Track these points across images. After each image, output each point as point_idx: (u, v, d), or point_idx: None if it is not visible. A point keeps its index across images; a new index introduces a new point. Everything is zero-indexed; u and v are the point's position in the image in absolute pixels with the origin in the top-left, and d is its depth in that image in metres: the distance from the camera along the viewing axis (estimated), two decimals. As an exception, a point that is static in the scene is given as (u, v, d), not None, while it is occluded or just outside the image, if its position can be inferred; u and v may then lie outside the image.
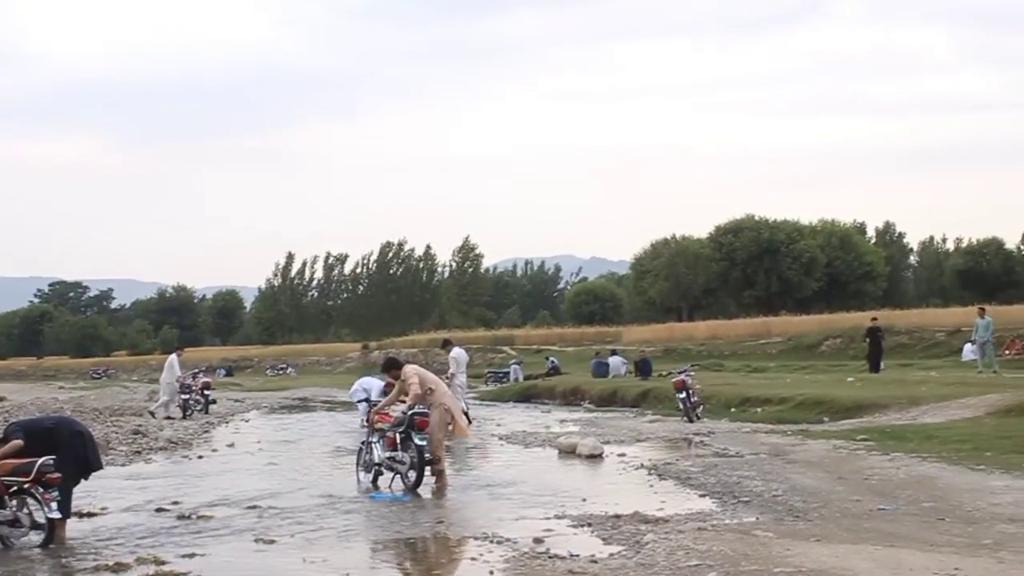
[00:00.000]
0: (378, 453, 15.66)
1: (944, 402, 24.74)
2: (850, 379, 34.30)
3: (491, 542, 10.96)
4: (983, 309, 39.83)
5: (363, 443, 16.44)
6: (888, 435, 19.53)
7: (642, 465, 17.54)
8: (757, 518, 11.82)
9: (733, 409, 29.24)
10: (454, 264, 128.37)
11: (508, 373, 54.47)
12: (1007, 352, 45.57)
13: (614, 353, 49.62)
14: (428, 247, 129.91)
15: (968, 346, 46.40)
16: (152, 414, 31.64)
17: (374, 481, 15.65)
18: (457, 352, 27.59)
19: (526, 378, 50.60)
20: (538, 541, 10.85)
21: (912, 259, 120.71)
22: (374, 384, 25.57)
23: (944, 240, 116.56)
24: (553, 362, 54.28)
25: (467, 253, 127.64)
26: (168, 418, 30.76)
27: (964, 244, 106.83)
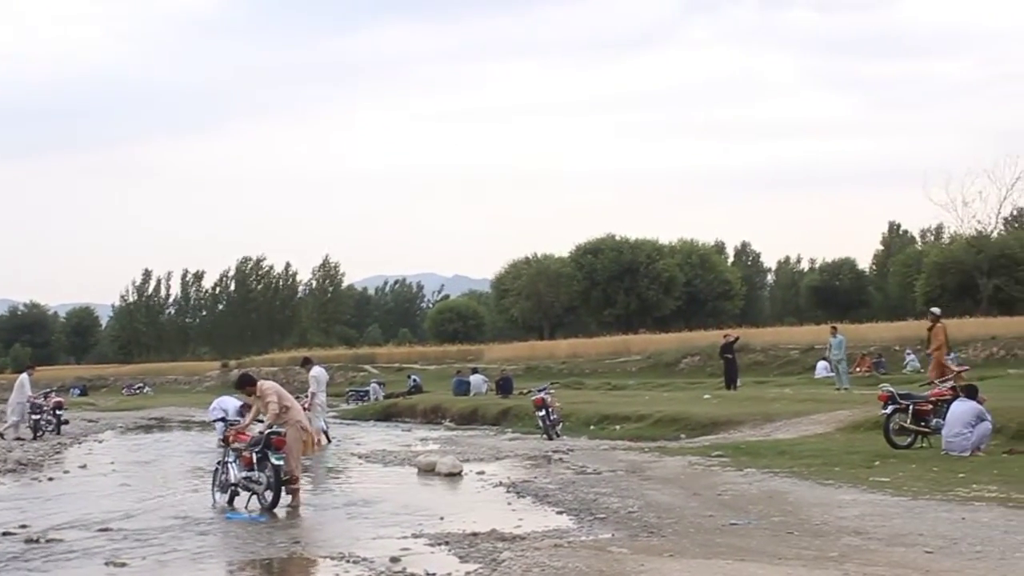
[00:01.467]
0: (234, 473, 15.46)
1: (797, 418, 25.33)
2: (707, 396, 34.86)
3: (347, 562, 10.90)
4: (835, 328, 40.89)
5: (219, 463, 16.21)
6: (742, 451, 19.92)
7: (501, 483, 17.59)
8: (613, 534, 11.94)
9: (592, 427, 29.49)
10: (315, 282, 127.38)
11: (369, 391, 54.15)
12: (857, 369, 46.77)
13: (475, 371, 49.67)
14: (288, 264, 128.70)
15: (821, 363, 47.55)
16: (1, 435, 30.74)
17: (230, 501, 15.45)
18: (317, 371, 27.36)
19: (387, 396, 50.34)
20: (395, 560, 10.81)
21: (769, 278, 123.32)
22: (231, 404, 25.25)
23: (799, 260, 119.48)
24: (415, 380, 54.15)
25: (328, 271, 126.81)
26: (18, 439, 29.93)
27: (818, 264, 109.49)
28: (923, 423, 19.46)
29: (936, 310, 28.10)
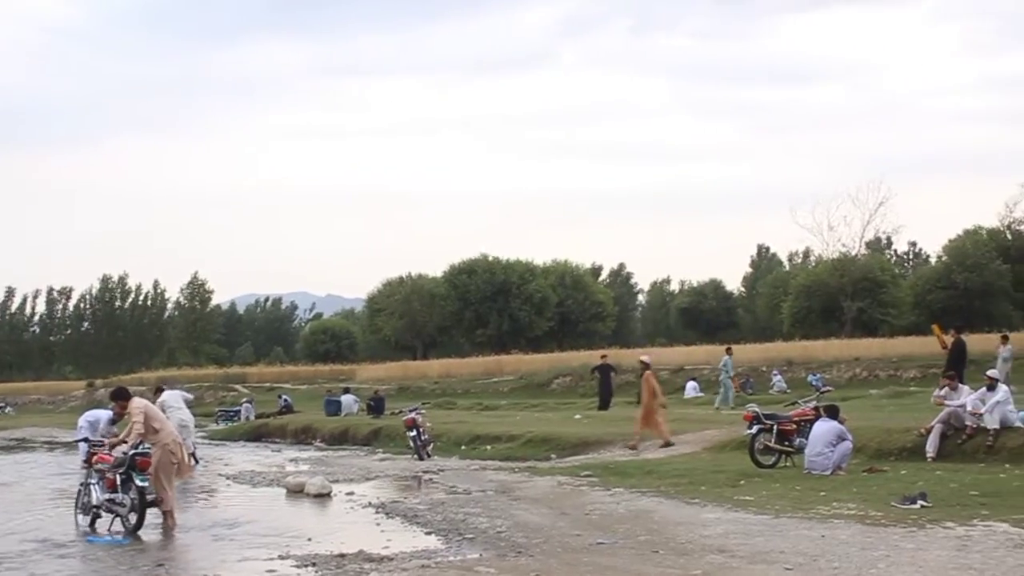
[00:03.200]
0: (96, 495, 15.13)
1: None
2: (577, 416, 35.11)
3: (212, 585, 10.75)
4: (730, 348, 41.68)
5: (81, 484, 15.87)
6: (611, 471, 20.09)
7: (370, 503, 17.50)
8: (480, 554, 11.95)
9: (463, 447, 29.50)
10: (183, 300, 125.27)
11: (239, 411, 53.42)
12: (726, 390, 47.43)
13: (347, 391, 49.37)
14: (156, 282, 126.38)
15: (691, 384, 48.28)
16: None
17: (92, 524, 15.13)
18: (167, 395, 26.31)
19: (257, 416, 49.75)
20: (260, 582, 10.70)
21: (640, 300, 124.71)
22: (102, 415, 24.61)
23: (670, 281, 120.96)
24: (286, 400, 53.59)
25: (196, 289, 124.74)
26: None
27: (688, 286, 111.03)
28: (787, 443, 19.87)
29: (646, 359, 26.86)
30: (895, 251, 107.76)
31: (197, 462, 26.89)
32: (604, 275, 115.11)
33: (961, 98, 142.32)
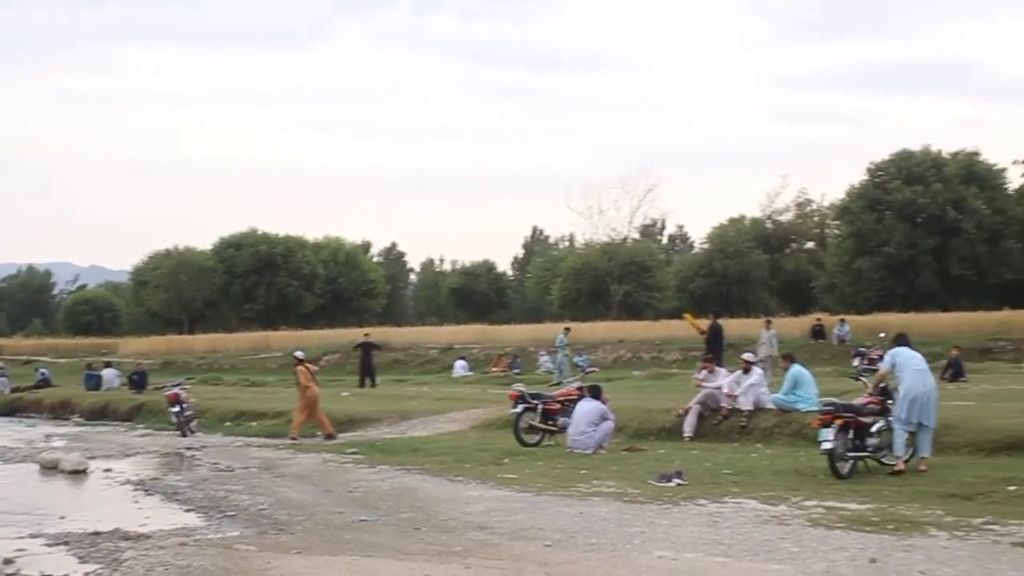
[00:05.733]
0: None
1: (432, 416, 25.81)
2: (345, 393, 34.95)
3: (-46, 564, 10.30)
4: (568, 328, 42.16)
5: None
6: (377, 448, 20.09)
7: (129, 480, 17.08)
8: (241, 532, 11.79)
9: (228, 423, 29.06)
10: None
11: (-7, 385, 51.17)
12: (494, 369, 48.04)
13: (108, 365, 47.95)
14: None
15: (459, 362, 48.62)
16: None
17: None
18: None
19: (12, 391, 47.82)
20: (8, 562, 10.32)
21: (412, 278, 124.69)
22: None
23: (442, 261, 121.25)
24: (43, 374, 51.58)
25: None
26: None
27: (459, 265, 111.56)
28: (551, 422, 20.23)
29: (299, 354, 26.35)
30: (664, 236, 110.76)
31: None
32: (375, 252, 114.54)
33: (734, 91, 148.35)
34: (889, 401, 15.65)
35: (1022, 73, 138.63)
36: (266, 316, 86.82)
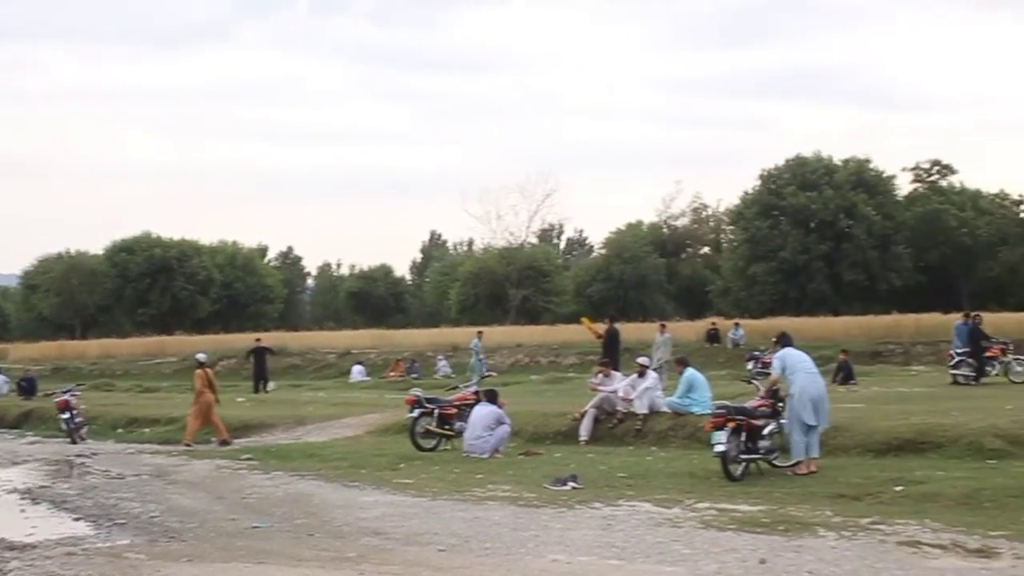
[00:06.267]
0: None
1: (329, 421, 25.66)
2: (240, 399, 34.59)
3: None
4: (481, 332, 41.90)
5: None
6: (272, 454, 19.92)
7: (15, 489, 16.74)
8: (131, 540, 11.61)
9: (120, 430, 28.61)
10: None
11: None
12: (392, 374, 47.84)
13: (-3, 371, 46.93)
14: None
15: (357, 367, 48.37)
16: None
17: None
18: None
19: None
20: None
21: (309, 282, 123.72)
22: None
23: (339, 265, 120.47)
24: (-72, 380, 50.33)
25: None
26: None
27: (357, 270, 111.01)
28: (447, 426, 20.20)
29: (201, 356, 26.17)
30: (562, 241, 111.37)
31: None
32: (272, 257, 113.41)
33: (631, 97, 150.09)
34: (780, 404, 15.88)
35: (912, 81, 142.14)
36: (160, 321, 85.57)
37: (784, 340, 16.42)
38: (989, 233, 70.73)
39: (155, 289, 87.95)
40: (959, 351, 29.18)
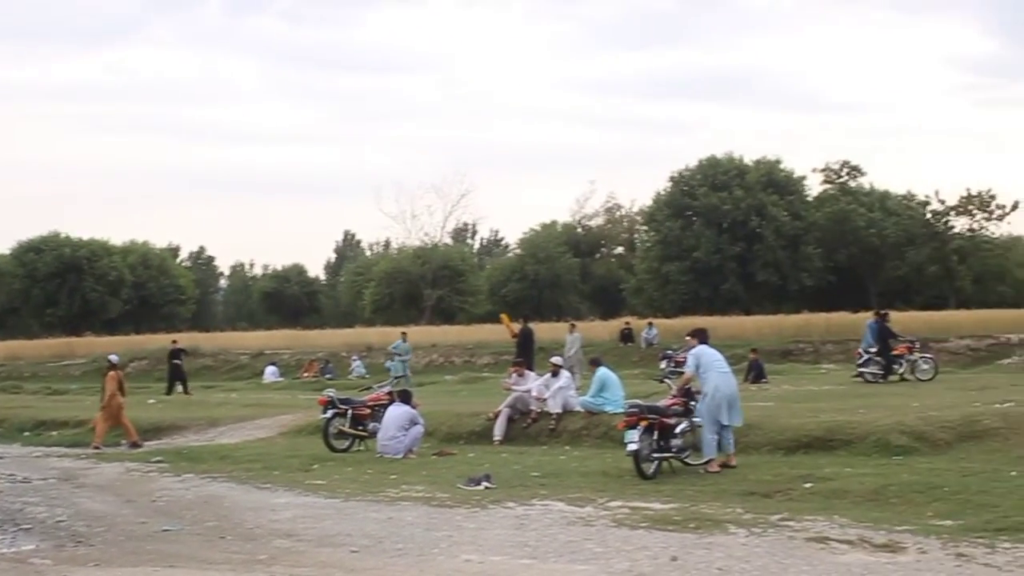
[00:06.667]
0: None
1: (241, 423, 25.42)
2: (151, 401, 34.17)
3: None
4: (405, 332, 41.57)
5: None
6: (183, 456, 19.68)
7: (-83, 494, 16.33)
8: (37, 546, 11.41)
9: (27, 433, 28.06)
10: None
11: None
12: (305, 374, 47.62)
13: (-101, 374, 45.95)
14: None
15: (270, 368, 48.04)
16: None
17: None
18: None
19: None
20: None
21: (222, 283, 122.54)
22: None
23: (252, 265, 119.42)
24: None
25: None
26: None
27: (271, 270, 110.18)
28: (361, 427, 20.15)
29: (113, 358, 26.05)
30: (477, 241, 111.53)
31: None
32: (184, 257, 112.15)
33: (546, 97, 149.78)
34: (692, 403, 16.02)
35: (825, 84, 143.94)
36: (69, 322, 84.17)
37: (701, 336, 16.51)
38: (897, 233, 71.94)
39: (64, 289, 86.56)
40: (868, 350, 29.68)
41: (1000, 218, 73.25)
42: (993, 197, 72.55)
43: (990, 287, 71.90)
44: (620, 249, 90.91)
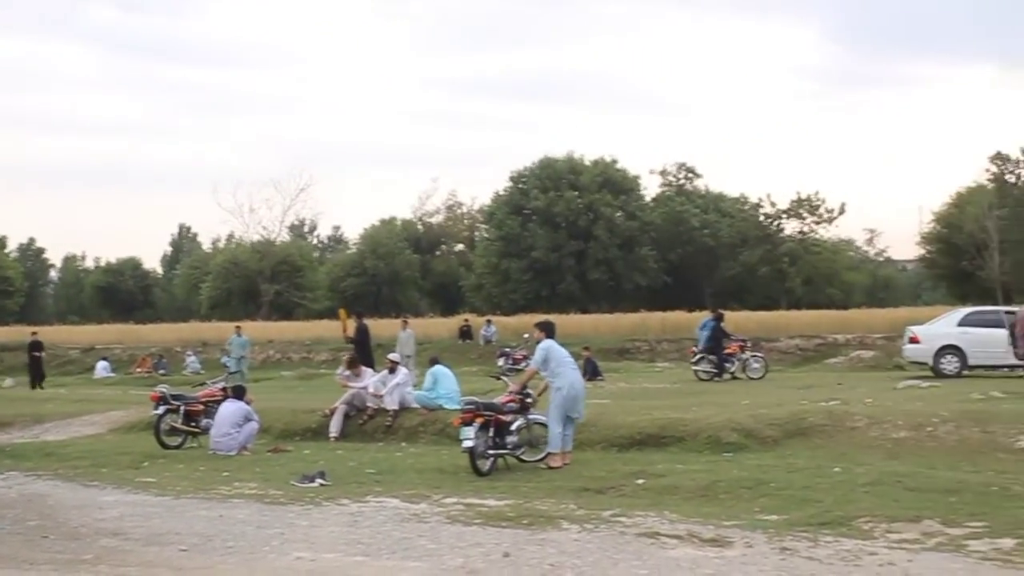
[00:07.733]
0: None
1: (69, 419, 24.70)
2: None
3: None
4: (239, 327, 40.51)
5: None
6: (6, 454, 19.04)
7: None
8: None
9: None
10: None
11: None
12: (138, 370, 46.67)
13: None
14: None
15: (101, 363, 46.90)
16: None
17: None
18: None
19: None
20: None
21: (53, 275, 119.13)
22: None
23: (84, 257, 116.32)
24: None
25: None
26: None
27: (104, 262, 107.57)
28: (194, 423, 19.80)
29: None
30: (317, 236, 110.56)
31: None
32: (11, 248, 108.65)
33: (392, 94, 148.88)
34: (528, 399, 16.13)
35: (664, 85, 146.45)
36: None
37: (548, 330, 16.42)
38: (730, 235, 73.62)
39: None
40: (702, 348, 30.31)
41: (829, 221, 75.54)
42: (822, 200, 74.76)
43: (819, 289, 74.05)
44: (460, 246, 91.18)
